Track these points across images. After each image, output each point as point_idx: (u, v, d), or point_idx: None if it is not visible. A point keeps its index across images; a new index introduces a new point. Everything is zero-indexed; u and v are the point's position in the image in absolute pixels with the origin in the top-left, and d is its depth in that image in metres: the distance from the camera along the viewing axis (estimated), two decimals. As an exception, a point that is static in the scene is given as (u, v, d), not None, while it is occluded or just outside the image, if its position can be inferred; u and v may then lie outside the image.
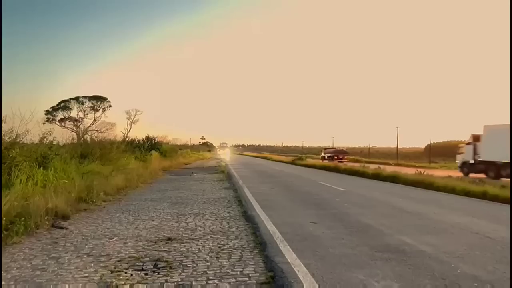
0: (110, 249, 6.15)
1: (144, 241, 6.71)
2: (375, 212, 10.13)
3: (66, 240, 6.71)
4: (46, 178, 10.66)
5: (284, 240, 6.76)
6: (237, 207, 10.62)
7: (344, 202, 11.95)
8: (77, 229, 7.58)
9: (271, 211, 9.91)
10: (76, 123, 52.41)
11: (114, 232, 7.41)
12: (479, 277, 4.87)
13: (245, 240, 6.85)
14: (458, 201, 12.79)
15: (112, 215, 9.29)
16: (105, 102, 55.04)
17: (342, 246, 6.43)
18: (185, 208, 10.34)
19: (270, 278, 4.82)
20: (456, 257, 5.79)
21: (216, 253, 5.94)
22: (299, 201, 12.40)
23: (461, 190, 14.70)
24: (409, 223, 8.56)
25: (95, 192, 11.22)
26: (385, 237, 7.14)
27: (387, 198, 13.09)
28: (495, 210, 10.91)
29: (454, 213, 10.10)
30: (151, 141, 34.76)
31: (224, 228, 7.86)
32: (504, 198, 12.48)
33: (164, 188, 15.85)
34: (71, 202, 9.43)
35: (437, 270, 5.16)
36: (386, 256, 5.82)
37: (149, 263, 5.41)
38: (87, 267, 5.18)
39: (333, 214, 9.74)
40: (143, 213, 9.61)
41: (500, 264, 5.45)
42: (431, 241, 6.78)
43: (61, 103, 53.48)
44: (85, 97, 54.43)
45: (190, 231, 7.56)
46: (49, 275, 4.85)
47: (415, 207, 11.01)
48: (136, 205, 10.94)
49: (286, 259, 5.60)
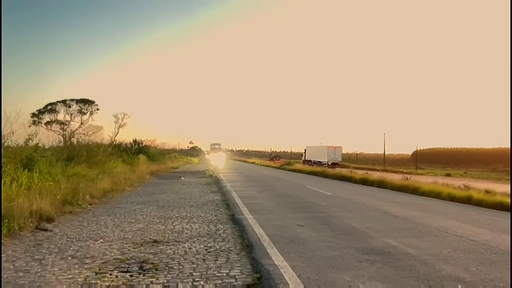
0: (95, 251, 6.08)
1: (130, 243, 6.65)
2: (362, 215, 10.20)
3: (50, 242, 6.61)
4: (31, 180, 10.49)
5: (271, 243, 6.76)
6: (225, 211, 10.59)
7: (331, 206, 12.00)
8: (62, 231, 7.48)
9: (258, 215, 9.91)
10: (63, 126, 51.71)
11: (100, 234, 7.33)
12: (463, 279, 4.93)
13: (232, 242, 6.84)
14: (443, 206, 12.95)
15: (98, 217, 9.19)
16: (93, 105, 54.40)
17: (328, 249, 6.46)
18: (172, 211, 10.28)
19: (256, 279, 4.81)
20: (440, 259, 5.86)
21: (202, 255, 5.91)
22: (286, 204, 12.42)
23: (446, 195, 14.91)
24: (395, 227, 8.64)
25: (81, 195, 11.09)
26: (371, 240, 7.19)
27: (373, 203, 13.19)
28: (479, 214, 11.08)
29: (439, 217, 10.23)
30: (139, 144, 34.54)
31: (211, 230, 7.83)
32: (488, 203, 12.70)
33: (151, 191, 15.73)
34: (56, 204, 9.30)
35: (422, 271, 5.22)
36: (372, 258, 5.86)
37: (135, 265, 5.36)
38: (71, 268, 5.11)
39: (320, 217, 9.78)
40: (130, 216, 9.52)
41: (483, 266, 5.53)
42: (416, 244, 6.86)
43: (48, 106, 52.70)
44: (72, 100, 53.74)
45: (177, 233, 7.52)
46: (32, 276, 4.77)
47: (401, 211, 11.12)
48: (123, 208, 10.84)
49: (272, 261, 5.61)
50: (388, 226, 8.65)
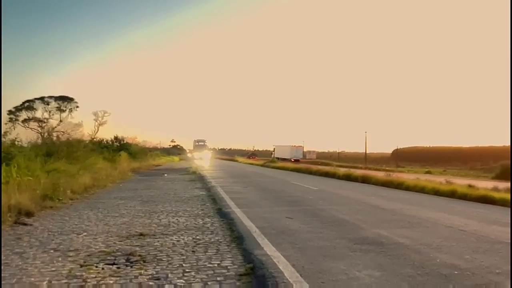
0: (79, 244, 5.81)
1: (115, 236, 6.40)
2: (350, 208, 10.16)
3: (30, 236, 6.30)
4: (9, 174, 10.07)
5: (262, 234, 6.62)
6: (211, 205, 10.39)
7: (318, 200, 11.94)
8: (43, 226, 7.16)
9: (246, 208, 9.75)
10: (41, 124, 50.37)
11: (83, 228, 7.05)
12: (458, 266, 4.88)
13: (221, 235, 6.66)
14: (428, 199, 13.06)
15: (80, 212, 8.87)
16: (72, 102, 53.01)
17: (320, 239, 6.35)
18: (157, 206, 10.03)
19: (249, 269, 4.65)
20: (433, 248, 5.82)
21: (191, 247, 5.72)
22: (273, 198, 12.29)
23: (430, 189, 15.05)
24: (384, 218, 8.61)
25: (62, 190, 10.72)
26: (361, 231, 7.12)
27: (359, 196, 13.20)
28: (464, 207, 11.18)
29: (426, 209, 10.26)
30: (120, 142, 33.93)
31: (198, 224, 7.63)
32: (472, 196, 12.86)
33: (134, 187, 15.39)
34: (35, 199, 8.94)
35: (417, 260, 5.16)
36: (365, 248, 5.78)
37: (121, 257, 5.13)
38: (54, 261, 4.85)
39: (308, 210, 9.68)
40: (113, 210, 9.23)
41: (477, 254, 5.51)
42: (407, 234, 6.82)
43: (25, 103, 51.16)
44: (50, 97, 52.26)
45: (163, 227, 7.29)
46: (13, 269, 4.49)
47: (388, 204, 11.13)
48: (105, 203, 10.52)
49: (265, 252, 5.46)
50: (377, 218, 8.61)
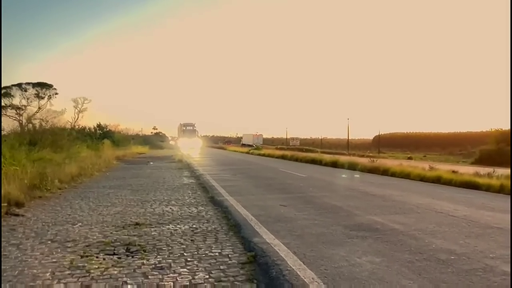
0: (76, 234, 5.75)
1: (111, 226, 6.34)
2: (341, 195, 10.28)
3: (24, 227, 6.19)
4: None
5: (259, 222, 6.65)
6: (203, 194, 10.38)
7: (308, 187, 12.05)
8: (35, 216, 7.04)
9: (238, 196, 9.76)
10: (19, 111, 49.13)
11: (77, 218, 6.96)
12: (454, 251, 5.01)
13: (217, 223, 6.67)
14: (415, 185, 13.31)
15: (71, 202, 8.75)
16: (51, 89, 51.79)
17: (316, 226, 6.42)
18: (148, 195, 9.96)
19: (251, 257, 4.68)
20: (428, 234, 5.95)
21: (190, 236, 5.73)
22: (265, 186, 12.34)
23: (416, 175, 15.33)
24: (376, 204, 8.75)
25: (49, 179, 10.51)
26: (356, 217, 7.22)
27: (348, 183, 13.38)
28: (451, 192, 11.42)
29: (415, 195, 10.46)
30: (103, 129, 33.42)
31: (193, 213, 7.62)
32: (457, 182, 13.15)
33: (121, 176, 15.23)
34: (24, 189, 8.76)
35: (413, 245, 5.27)
36: (361, 234, 5.87)
37: (121, 247, 5.09)
38: (54, 252, 4.78)
39: (300, 197, 9.76)
40: (104, 199, 9.13)
41: (470, 239, 5.66)
42: (401, 220, 6.95)
43: (2, 89, 49.76)
44: (28, 84, 50.91)
45: (158, 216, 7.26)
46: (13, 261, 4.41)
47: (377, 190, 11.31)
48: (95, 192, 10.39)
49: (264, 240, 5.49)
50: (369, 204, 8.75)
